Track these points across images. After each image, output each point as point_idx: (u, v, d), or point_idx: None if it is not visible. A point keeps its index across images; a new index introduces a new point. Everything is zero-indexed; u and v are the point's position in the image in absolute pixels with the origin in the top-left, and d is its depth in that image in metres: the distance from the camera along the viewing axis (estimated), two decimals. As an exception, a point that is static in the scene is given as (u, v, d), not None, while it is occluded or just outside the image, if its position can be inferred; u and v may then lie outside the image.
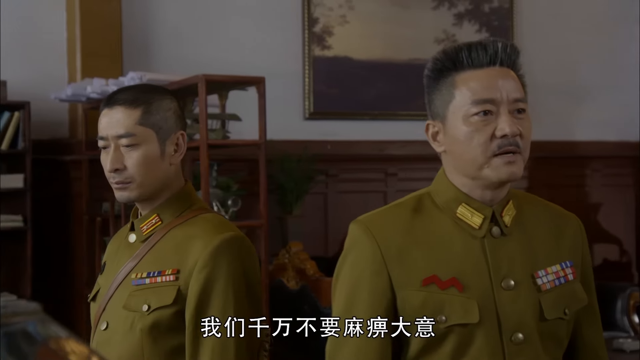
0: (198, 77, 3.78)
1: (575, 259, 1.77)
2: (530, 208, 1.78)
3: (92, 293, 2.07)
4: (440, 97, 1.69)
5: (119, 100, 1.96)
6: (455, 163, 1.70)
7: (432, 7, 6.57)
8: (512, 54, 1.69)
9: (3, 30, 5.21)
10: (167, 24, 5.64)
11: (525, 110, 1.68)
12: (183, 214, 2.00)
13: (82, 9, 5.26)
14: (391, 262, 1.65)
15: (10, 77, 5.07)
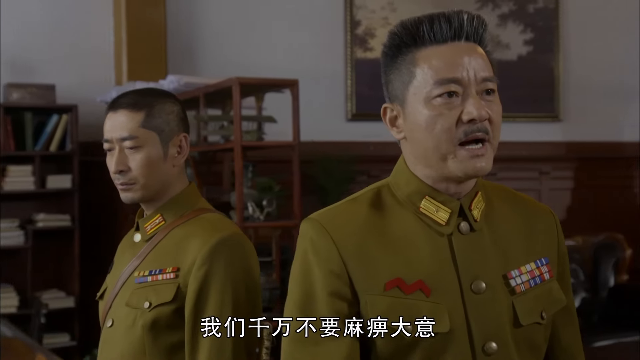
0: (232, 80, 3.84)
1: (551, 255, 1.58)
2: (500, 200, 1.58)
3: (100, 292, 2.09)
4: (399, 76, 1.47)
5: (122, 104, 1.99)
6: (416, 152, 1.48)
7: (476, 8, 6.54)
8: (479, 26, 1.47)
9: (52, 37, 5.35)
10: (211, 28, 5.73)
11: (494, 91, 1.46)
12: (185, 214, 2.02)
13: (128, 14, 5.37)
14: (351, 263, 1.45)
15: (59, 81, 5.21)
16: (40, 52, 5.33)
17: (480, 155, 1.43)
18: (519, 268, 1.51)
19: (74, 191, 5.12)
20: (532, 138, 6.64)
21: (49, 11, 5.36)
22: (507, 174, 6.52)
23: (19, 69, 5.27)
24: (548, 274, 1.55)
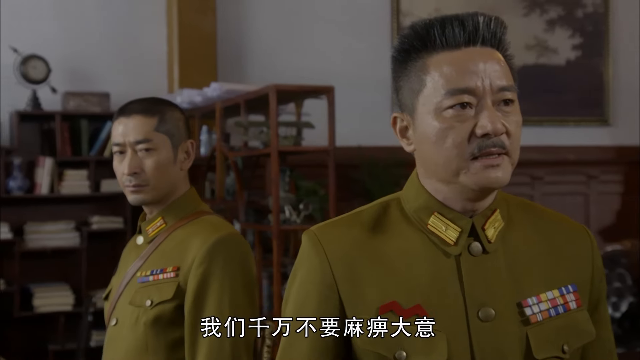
0: (269, 87, 3.92)
1: (581, 282, 1.38)
2: (524, 218, 1.41)
3: (106, 292, 2.18)
4: (408, 84, 1.33)
5: (135, 110, 2.08)
6: (426, 165, 1.35)
7: (523, 13, 6.52)
8: (497, 30, 1.32)
9: (108, 47, 5.53)
10: (259, 36, 5.84)
11: (513, 101, 1.31)
12: (186, 217, 2.10)
13: (180, 24, 5.51)
14: (343, 283, 1.32)
15: (113, 90, 5.37)
16: (97, 61, 5.51)
17: (496, 165, 1.28)
18: (537, 295, 1.34)
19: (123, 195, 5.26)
20: (580, 142, 6.57)
21: (106, 23, 5.54)
22: (554, 178, 6.48)
23: (77, 78, 5.45)
24: (575, 303, 1.36)
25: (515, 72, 1.37)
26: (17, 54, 5.16)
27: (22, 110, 5.14)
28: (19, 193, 5.12)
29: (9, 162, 5.16)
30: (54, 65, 5.24)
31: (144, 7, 5.63)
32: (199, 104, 4.80)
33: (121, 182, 2.10)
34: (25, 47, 5.20)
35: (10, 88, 5.21)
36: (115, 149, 2.09)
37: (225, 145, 4.51)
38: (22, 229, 5.20)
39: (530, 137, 6.42)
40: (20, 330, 5.24)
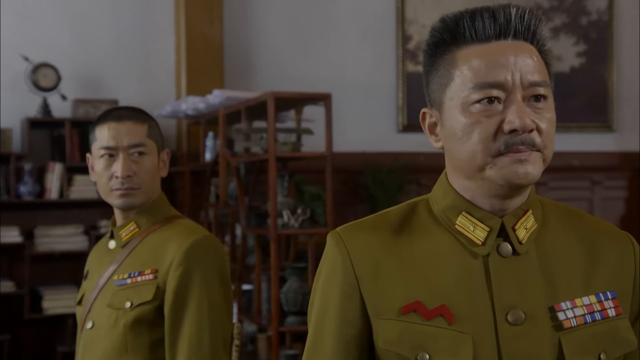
0: (267, 94, 3.97)
1: (622, 289, 1.30)
2: (561, 222, 1.33)
3: (78, 297, 2.18)
4: (437, 78, 1.28)
5: (126, 116, 2.11)
6: (454, 162, 1.28)
7: (528, 21, 6.52)
8: (532, 22, 1.24)
9: (117, 54, 5.61)
10: (266, 44, 5.89)
11: (546, 97, 1.24)
12: (158, 221, 2.13)
13: (188, 33, 5.58)
14: (366, 283, 1.27)
15: (122, 97, 5.44)
16: (106, 69, 5.59)
17: (524, 160, 1.20)
18: (572, 300, 1.26)
19: (134, 199, 5.33)
20: (585, 148, 6.58)
21: (115, 32, 5.62)
22: (558, 184, 6.48)
23: (86, 85, 5.53)
24: (614, 310, 1.28)
25: (551, 69, 1.29)
26: (28, 62, 5.24)
27: (33, 117, 5.23)
28: (30, 198, 5.20)
29: (19, 167, 5.24)
30: (64, 73, 5.32)
31: (154, 17, 5.71)
32: (203, 111, 4.86)
33: (106, 186, 2.11)
34: (36, 55, 5.29)
35: (21, 95, 5.30)
36: (102, 152, 2.10)
37: (228, 151, 4.56)
38: (32, 232, 5.28)
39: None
40: (30, 331, 5.32)
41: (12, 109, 5.34)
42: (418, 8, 6.25)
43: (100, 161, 2.11)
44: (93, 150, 2.14)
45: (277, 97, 3.96)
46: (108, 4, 5.61)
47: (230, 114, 4.59)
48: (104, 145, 2.10)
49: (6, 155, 5.18)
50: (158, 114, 5.22)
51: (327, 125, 4.05)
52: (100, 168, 2.11)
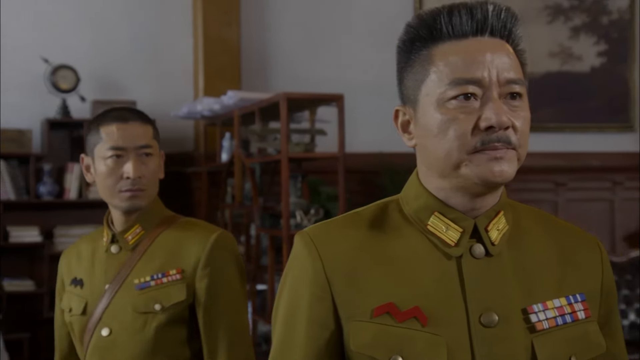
0: (280, 95, 3.98)
1: (590, 292, 1.30)
2: (531, 224, 1.33)
3: (80, 307, 2.09)
4: (412, 75, 1.26)
5: (132, 117, 2.08)
6: (427, 161, 1.26)
7: (547, 21, 6.49)
8: (508, 20, 1.23)
9: (136, 56, 5.66)
10: (282, 46, 5.91)
11: (521, 95, 1.23)
12: (161, 222, 2.11)
13: (205, 35, 5.62)
14: (337, 284, 1.24)
15: (140, 98, 5.49)
16: (125, 71, 5.64)
17: (500, 158, 1.19)
18: (544, 302, 1.25)
19: (151, 199, 5.37)
20: (606, 148, 6.52)
21: (134, 35, 5.66)
22: (579, 184, 6.43)
23: (105, 87, 5.59)
24: (583, 313, 1.28)
25: (526, 69, 1.28)
26: (47, 64, 5.30)
27: (52, 119, 5.29)
28: (49, 198, 5.26)
29: (39, 168, 5.30)
30: (82, 74, 5.37)
31: (172, 19, 5.75)
32: (218, 112, 4.89)
33: (112, 188, 2.06)
34: (55, 57, 5.35)
35: (41, 97, 5.36)
36: (109, 153, 2.05)
37: (243, 152, 4.58)
38: (51, 232, 5.34)
39: (554, 143, 6.40)
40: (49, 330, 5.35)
41: (32, 111, 5.40)
42: (436, 8, 6.22)
43: (106, 162, 2.06)
44: (96, 150, 2.08)
45: (290, 98, 3.97)
46: (126, 6, 5.66)
47: (245, 115, 4.61)
48: (113, 145, 2.05)
49: (26, 156, 5.25)
50: (175, 114, 5.26)
51: (339, 126, 4.05)
52: (106, 169, 2.06)
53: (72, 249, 2.20)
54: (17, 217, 5.32)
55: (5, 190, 5.21)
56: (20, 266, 5.34)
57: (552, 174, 6.37)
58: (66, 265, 2.19)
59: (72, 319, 2.10)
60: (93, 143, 2.09)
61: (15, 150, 5.25)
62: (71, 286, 2.14)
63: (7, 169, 5.22)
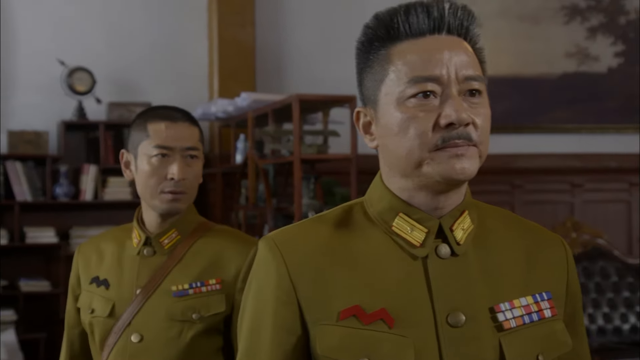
0: (292, 97, 4.00)
1: (556, 290, 1.31)
2: (496, 224, 1.32)
3: (107, 309, 2.01)
4: (371, 75, 1.26)
5: (180, 117, 2.01)
6: (389, 161, 1.25)
7: (564, 21, 6.47)
8: (465, 19, 1.24)
9: (151, 58, 5.70)
10: (297, 47, 5.93)
11: (481, 92, 1.22)
12: (196, 228, 2.05)
13: (220, 37, 5.65)
14: (302, 288, 1.23)
15: (155, 100, 5.51)
16: (140, 73, 5.68)
17: (461, 155, 1.18)
18: (510, 301, 1.25)
19: (166, 201, 5.40)
20: (623, 150, 6.48)
21: (149, 37, 5.71)
22: (595, 185, 6.40)
23: (121, 89, 5.63)
24: (549, 311, 1.28)
25: (485, 66, 1.28)
26: (64, 66, 5.35)
27: (69, 120, 5.34)
28: (65, 199, 5.31)
29: (55, 169, 5.35)
30: (98, 76, 5.42)
31: (187, 22, 5.78)
32: (232, 113, 4.92)
33: (154, 188, 1.98)
34: (71, 60, 5.40)
35: (57, 99, 5.42)
36: (155, 151, 1.97)
37: (256, 153, 4.60)
38: (67, 233, 5.39)
39: (571, 144, 6.38)
40: (66, 330, 5.42)
41: (49, 113, 5.46)
42: (451, 9, 6.22)
43: (150, 160, 1.98)
44: (141, 148, 2.00)
45: (302, 100, 3.99)
46: (142, 9, 5.71)
47: (259, 117, 4.63)
48: (161, 144, 1.97)
49: (42, 158, 5.31)
50: (189, 116, 5.28)
51: (352, 128, 4.07)
52: (150, 168, 1.98)
53: (88, 246, 2.12)
54: (33, 218, 5.37)
55: (22, 192, 5.26)
56: (37, 267, 5.39)
57: (569, 175, 6.35)
58: (84, 262, 2.10)
59: (93, 320, 2.02)
60: (137, 139, 2.01)
61: (32, 152, 5.31)
62: (91, 285, 2.06)
63: (23, 171, 5.27)
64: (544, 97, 6.38)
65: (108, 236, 2.12)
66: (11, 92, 5.48)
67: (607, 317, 5.46)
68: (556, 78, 6.41)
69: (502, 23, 6.31)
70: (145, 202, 2.02)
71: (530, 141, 6.32)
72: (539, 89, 6.36)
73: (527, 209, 6.25)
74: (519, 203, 6.26)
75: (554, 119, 6.41)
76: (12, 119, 5.43)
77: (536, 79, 6.37)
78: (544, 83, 6.38)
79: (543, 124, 6.37)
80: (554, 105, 6.41)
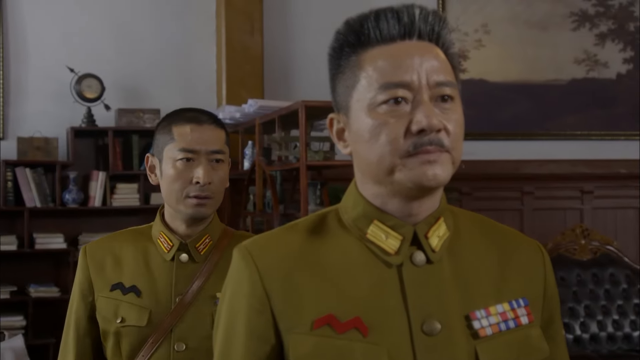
0: (298, 103, 4.05)
1: (533, 296, 1.30)
2: (472, 230, 1.32)
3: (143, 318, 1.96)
4: (343, 81, 1.25)
5: (206, 120, 1.99)
6: (362, 167, 1.26)
7: (572, 28, 6.49)
8: (436, 24, 1.24)
9: (159, 65, 5.76)
10: (306, 54, 5.97)
11: (453, 98, 1.22)
12: (222, 234, 2.05)
13: (228, 43, 5.70)
14: (276, 297, 1.22)
15: (164, 106, 5.57)
16: (149, 80, 5.74)
17: (433, 161, 1.18)
18: (486, 308, 1.25)
19: (175, 207, 5.45)
20: (633, 156, 6.48)
21: (158, 44, 5.77)
22: (605, 192, 6.41)
23: (129, 95, 5.69)
24: (526, 318, 1.28)
25: (458, 72, 1.27)
26: (73, 73, 5.41)
27: (78, 127, 5.40)
28: (74, 205, 5.38)
29: (64, 175, 5.42)
30: (107, 83, 5.48)
31: (195, 28, 5.84)
32: (240, 120, 4.96)
33: (180, 192, 1.96)
34: (80, 66, 5.46)
35: (66, 106, 5.48)
36: (181, 154, 1.95)
37: (264, 160, 4.64)
38: (76, 239, 5.45)
39: (580, 150, 6.39)
40: (74, 336, 5.46)
41: (58, 119, 5.52)
42: (459, 17, 6.26)
43: (175, 164, 1.96)
44: (166, 151, 1.97)
45: (308, 106, 4.03)
46: (151, 16, 5.77)
47: (266, 123, 4.67)
48: (186, 147, 1.95)
49: (52, 164, 5.37)
50: (197, 123, 5.33)
51: (358, 134, 4.09)
52: (175, 172, 1.95)
53: (98, 248, 2.05)
54: (42, 224, 5.43)
55: (31, 198, 5.33)
56: (46, 272, 5.46)
57: (578, 182, 6.36)
58: (96, 266, 2.03)
59: (122, 330, 1.96)
60: (162, 143, 1.99)
61: (42, 158, 5.37)
62: (114, 292, 1.99)
63: (33, 177, 5.34)
64: (553, 103, 6.40)
65: (120, 238, 2.07)
66: (21, 99, 5.55)
67: (617, 324, 5.47)
68: (565, 84, 6.43)
69: (511, 29, 6.34)
70: (171, 207, 2.00)
71: (540, 147, 6.34)
72: (548, 95, 6.38)
73: (536, 215, 6.27)
74: (528, 210, 6.28)
75: (563, 125, 6.43)
76: (22, 125, 5.51)
77: (545, 85, 6.39)
78: (553, 89, 6.40)
79: (552, 130, 6.39)
80: (563, 111, 6.43)
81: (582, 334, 5.43)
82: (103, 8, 5.71)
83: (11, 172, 5.31)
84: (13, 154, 5.40)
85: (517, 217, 6.21)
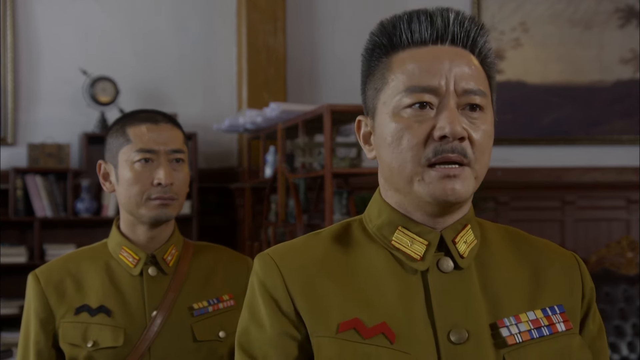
0: (323, 107, 4.06)
1: (570, 304, 1.31)
2: (502, 241, 1.35)
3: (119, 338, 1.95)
4: (372, 84, 1.29)
5: (162, 119, 2.02)
6: (384, 173, 1.29)
7: (619, 25, 6.46)
8: (472, 29, 1.26)
9: (177, 67, 5.81)
10: (331, 56, 6.00)
11: (482, 108, 1.24)
12: (184, 244, 2.09)
13: (249, 44, 5.74)
14: (300, 300, 1.25)
15: (181, 110, 5.62)
16: (165, 82, 5.80)
17: (453, 176, 1.20)
18: (516, 315, 1.26)
19: (192, 217, 5.50)
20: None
21: (176, 45, 5.83)
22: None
23: (145, 98, 5.74)
24: (563, 325, 1.28)
25: (494, 82, 1.30)
26: (86, 76, 5.46)
27: (91, 132, 5.46)
28: (87, 215, 5.44)
29: (77, 184, 5.48)
30: (123, 86, 5.54)
31: (215, 30, 5.89)
32: (262, 124, 4.99)
33: (139, 196, 1.97)
34: (95, 69, 5.52)
35: (80, 110, 5.55)
36: (138, 156, 1.97)
37: (287, 167, 4.66)
38: (89, 251, 5.48)
39: (628, 157, 6.35)
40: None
41: (71, 124, 5.59)
42: (496, 15, 6.26)
43: (133, 166, 1.97)
44: (121, 154, 1.99)
45: (334, 110, 4.04)
46: (170, 17, 5.83)
47: (289, 128, 4.69)
48: (144, 147, 1.97)
49: (64, 172, 5.44)
50: (217, 127, 5.37)
51: (386, 139, 4.10)
52: (133, 174, 1.97)
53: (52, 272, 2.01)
54: (54, 234, 5.50)
55: (42, 207, 5.38)
56: (57, 286, 5.49)
57: (625, 191, 6.32)
58: (54, 291, 1.99)
59: (95, 354, 1.94)
60: (117, 147, 2.01)
61: (53, 166, 5.44)
62: (79, 315, 1.97)
63: (44, 185, 5.40)
64: (597, 107, 6.37)
65: (74, 259, 2.06)
66: (32, 103, 5.62)
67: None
68: (610, 86, 6.40)
69: (552, 28, 6.33)
70: (131, 213, 2.00)
71: (583, 154, 6.30)
72: (592, 98, 6.35)
73: (578, 227, 6.24)
74: (570, 220, 6.25)
75: (608, 130, 6.40)
76: (33, 131, 5.58)
77: (589, 87, 6.36)
78: (597, 91, 6.37)
79: (596, 135, 6.35)
80: (608, 115, 6.40)
81: (630, 353, 5.39)
82: (121, 9, 5.76)
83: (21, 180, 5.37)
84: (23, 161, 5.48)
85: (557, 228, 6.18)
